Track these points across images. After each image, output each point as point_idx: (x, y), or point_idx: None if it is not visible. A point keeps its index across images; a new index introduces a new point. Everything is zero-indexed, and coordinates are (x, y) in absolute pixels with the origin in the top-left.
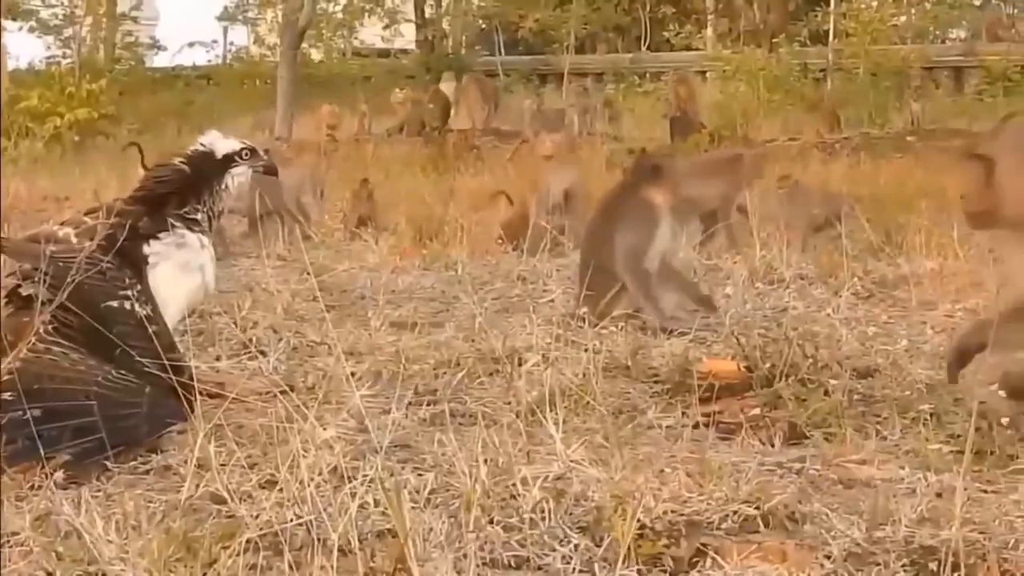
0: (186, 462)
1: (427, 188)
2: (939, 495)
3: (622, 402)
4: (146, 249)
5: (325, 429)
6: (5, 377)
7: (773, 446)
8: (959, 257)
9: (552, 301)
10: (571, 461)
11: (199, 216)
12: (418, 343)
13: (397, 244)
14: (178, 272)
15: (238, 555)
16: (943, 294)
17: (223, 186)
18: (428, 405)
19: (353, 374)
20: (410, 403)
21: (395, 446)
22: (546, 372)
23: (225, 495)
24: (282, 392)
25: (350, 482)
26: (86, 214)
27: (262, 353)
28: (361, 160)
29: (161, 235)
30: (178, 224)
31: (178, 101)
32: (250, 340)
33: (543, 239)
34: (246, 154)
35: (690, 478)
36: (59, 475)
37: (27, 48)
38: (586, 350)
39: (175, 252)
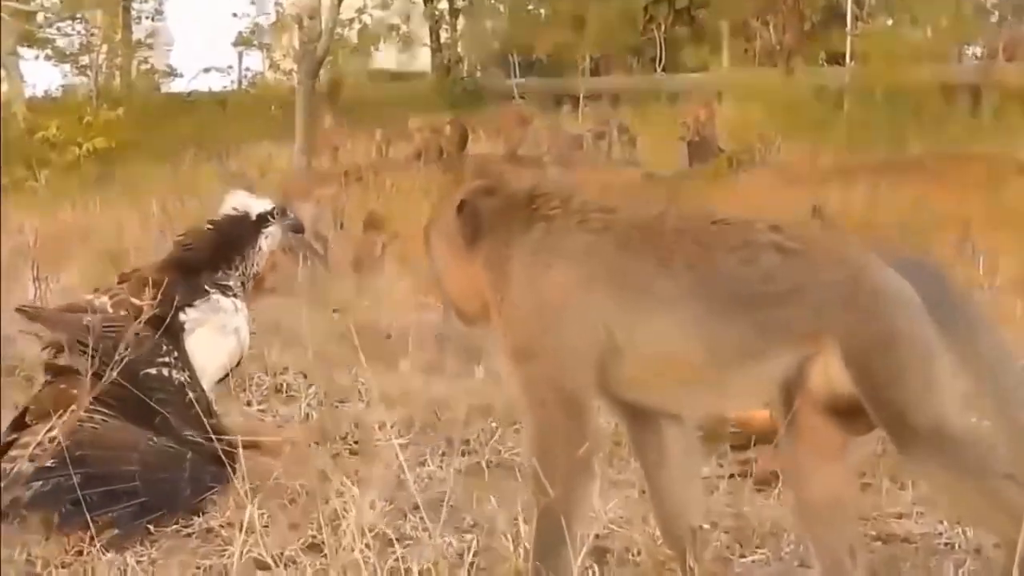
0: (228, 524)
1: None
2: (977, 551)
3: None
4: (182, 317)
5: (362, 488)
6: (48, 444)
7: None
8: (983, 288)
9: None
10: (610, 523)
11: (231, 282)
12: (448, 389)
13: (419, 282)
14: (214, 336)
15: None
16: None
17: (256, 247)
18: (463, 456)
19: (384, 424)
20: (444, 453)
21: (434, 501)
22: None
23: (269, 561)
24: (316, 443)
25: (392, 545)
26: (120, 282)
27: (292, 398)
28: (380, 189)
29: (197, 303)
30: (212, 290)
31: (194, 126)
32: (281, 385)
33: None
34: (277, 213)
35: (727, 534)
36: (103, 539)
37: (44, 76)
38: None
39: (211, 317)
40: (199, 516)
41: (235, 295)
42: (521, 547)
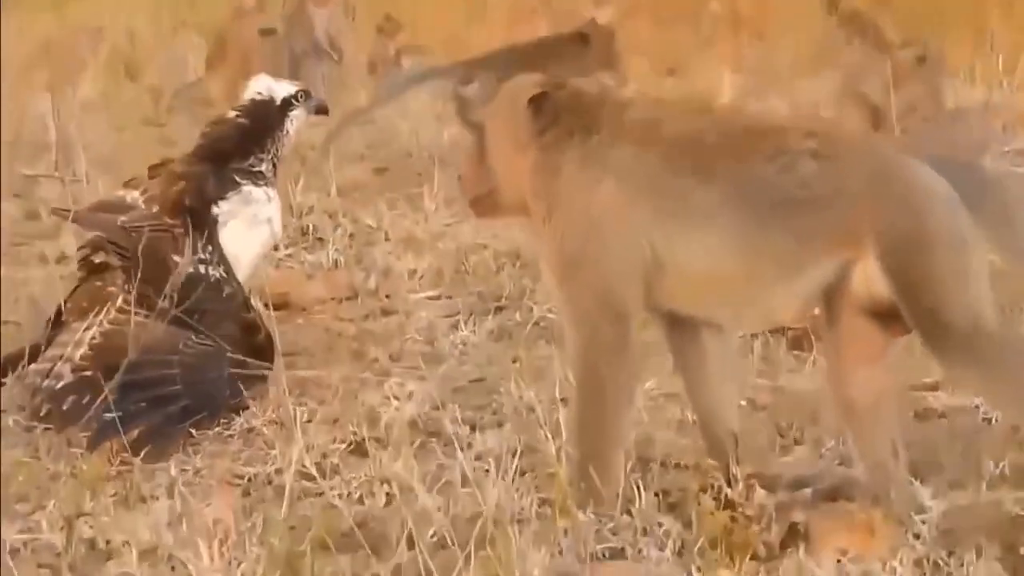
0: (270, 422)
1: None
2: (1015, 428)
3: None
4: (215, 210)
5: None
6: (85, 343)
7: None
8: (1002, 85)
9: None
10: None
11: (264, 168)
12: (475, 233)
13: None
14: (248, 228)
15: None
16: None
17: (284, 131)
18: (495, 313)
19: (414, 272)
20: (473, 312)
21: (468, 382)
22: None
23: (313, 471)
24: (347, 299)
25: (431, 437)
26: (150, 176)
27: (320, 240)
28: None
29: (228, 195)
30: (244, 181)
31: None
32: (306, 228)
33: None
34: (301, 96)
35: (765, 411)
36: (145, 449)
37: None
38: None
39: (243, 208)
40: (239, 415)
41: (267, 183)
42: (562, 447)
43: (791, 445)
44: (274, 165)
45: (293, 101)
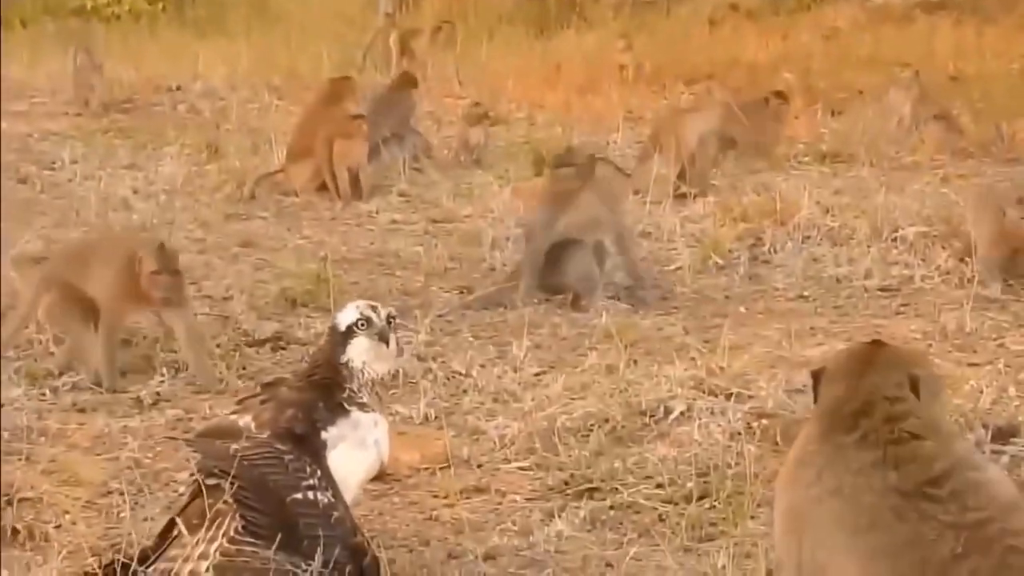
0: None
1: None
2: None
3: None
4: (323, 435)
5: None
6: (198, 564)
7: None
8: None
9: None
10: None
11: (364, 397)
12: (563, 388)
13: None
14: (355, 451)
15: None
16: None
17: (348, 359)
18: (586, 496)
19: (505, 439)
20: (566, 491)
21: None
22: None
23: None
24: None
25: None
26: (262, 402)
27: (410, 386)
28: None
29: (338, 420)
30: (351, 407)
31: None
32: (396, 372)
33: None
34: (362, 324)
35: None
36: None
37: None
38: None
39: (351, 433)
40: None
41: (373, 409)
42: None
43: None
44: (370, 391)
45: (354, 329)
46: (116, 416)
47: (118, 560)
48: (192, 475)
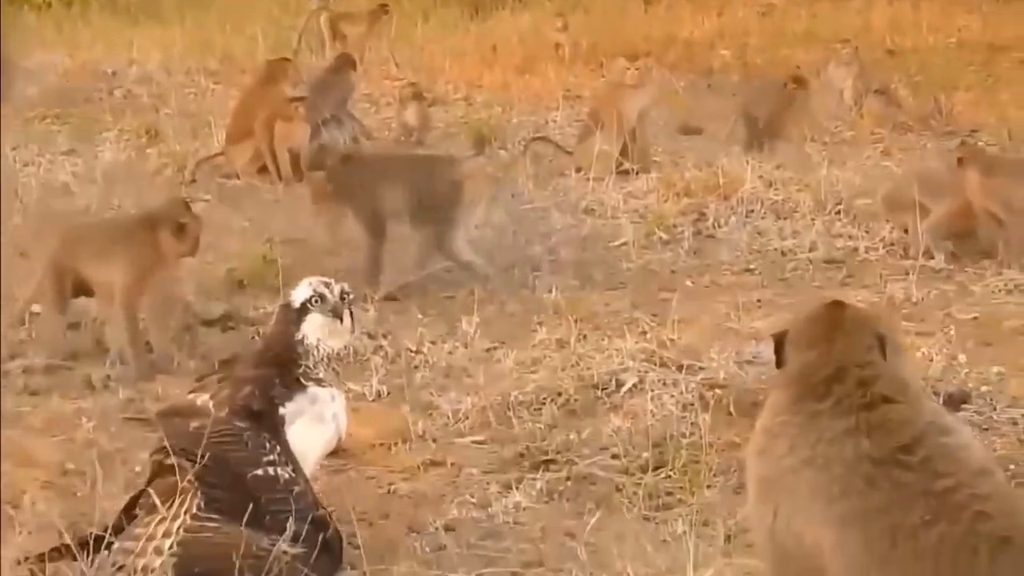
0: None
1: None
2: None
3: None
4: (281, 411)
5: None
6: (160, 541)
7: None
8: None
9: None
10: None
11: (321, 373)
12: (516, 363)
13: None
14: (314, 425)
15: None
16: None
17: (303, 336)
18: (542, 469)
19: (459, 413)
20: (522, 464)
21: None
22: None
23: None
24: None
25: None
26: (219, 381)
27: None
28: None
29: (295, 396)
30: (308, 382)
31: None
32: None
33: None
34: (316, 300)
35: None
36: None
37: None
38: None
39: (309, 407)
40: None
41: (330, 384)
42: None
43: None
44: (326, 367)
45: (309, 305)
46: (69, 398)
47: (91, 533)
48: (152, 454)
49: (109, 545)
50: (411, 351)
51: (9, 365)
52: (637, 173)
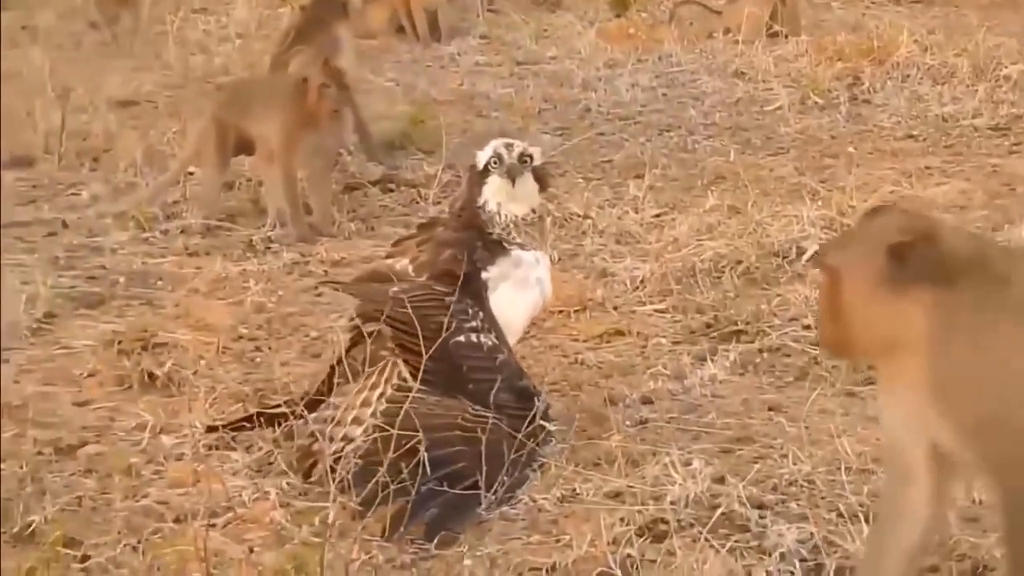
0: (558, 501)
1: None
2: None
3: None
4: (484, 275)
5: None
6: (362, 411)
7: None
8: None
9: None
10: None
11: (521, 237)
12: (690, 229)
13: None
14: (518, 290)
15: None
16: None
17: (484, 200)
18: (733, 340)
19: (637, 281)
20: (711, 335)
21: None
22: None
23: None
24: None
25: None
26: (419, 244)
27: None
28: None
29: (498, 260)
30: (511, 245)
31: None
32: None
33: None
34: (494, 162)
35: None
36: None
37: None
38: None
39: (513, 271)
40: (520, 488)
41: (533, 246)
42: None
43: None
44: (520, 231)
45: (489, 167)
46: (232, 259)
47: (282, 405)
48: (351, 320)
49: (300, 416)
50: (579, 215)
51: (167, 225)
52: (787, 36)
